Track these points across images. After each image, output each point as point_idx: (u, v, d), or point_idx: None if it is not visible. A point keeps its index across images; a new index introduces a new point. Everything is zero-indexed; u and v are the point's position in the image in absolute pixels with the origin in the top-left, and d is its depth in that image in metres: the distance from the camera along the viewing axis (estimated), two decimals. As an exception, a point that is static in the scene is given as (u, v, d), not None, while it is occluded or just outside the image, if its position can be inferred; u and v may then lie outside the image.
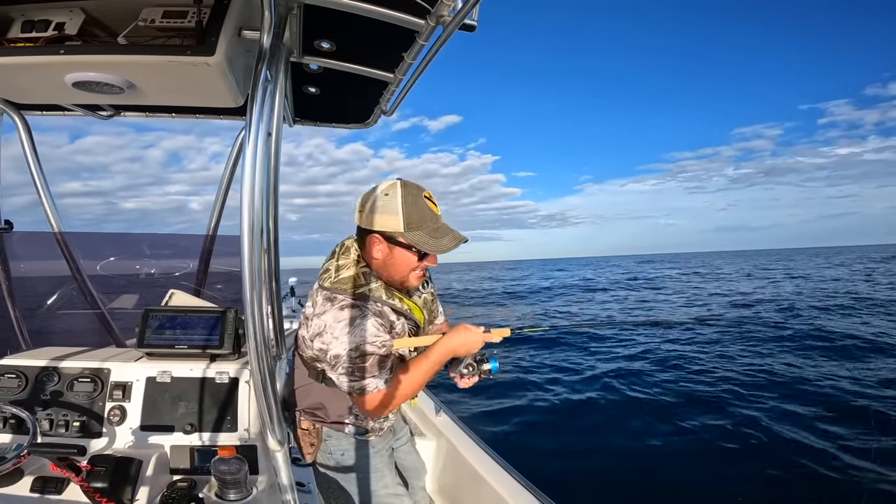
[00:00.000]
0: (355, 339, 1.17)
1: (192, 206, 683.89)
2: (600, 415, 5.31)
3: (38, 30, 0.89)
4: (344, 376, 1.18)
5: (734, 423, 4.89)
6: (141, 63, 0.91)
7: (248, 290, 0.84)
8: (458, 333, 1.29)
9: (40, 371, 1.26)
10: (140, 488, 1.09)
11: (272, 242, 1.40)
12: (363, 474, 1.38)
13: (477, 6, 0.95)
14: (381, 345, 1.20)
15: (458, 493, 2.05)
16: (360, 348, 1.16)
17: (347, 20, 1.08)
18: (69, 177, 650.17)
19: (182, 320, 1.36)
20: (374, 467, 1.38)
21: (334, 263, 1.29)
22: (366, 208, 1.24)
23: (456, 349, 1.29)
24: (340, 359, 1.17)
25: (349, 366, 1.17)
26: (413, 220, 1.19)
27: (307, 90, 1.65)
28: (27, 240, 1.96)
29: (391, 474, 1.44)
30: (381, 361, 1.20)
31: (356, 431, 1.37)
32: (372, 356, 1.18)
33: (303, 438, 1.37)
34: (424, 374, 1.26)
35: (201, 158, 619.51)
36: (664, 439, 4.62)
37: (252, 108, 0.85)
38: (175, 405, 1.26)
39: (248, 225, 0.83)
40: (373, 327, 1.19)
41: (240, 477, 1.07)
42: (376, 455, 1.40)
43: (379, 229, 1.21)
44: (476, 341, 1.30)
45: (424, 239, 1.21)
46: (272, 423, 0.93)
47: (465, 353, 1.31)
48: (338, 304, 1.20)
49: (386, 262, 1.25)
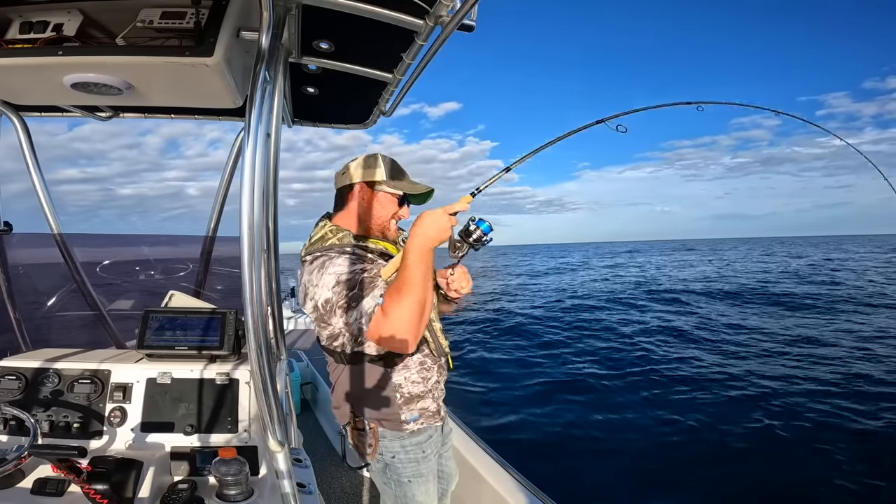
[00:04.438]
0: (331, 277, 1.21)
1: (189, 191, 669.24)
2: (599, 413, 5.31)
3: (37, 31, 0.89)
4: (344, 314, 1.18)
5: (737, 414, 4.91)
6: (139, 64, 0.91)
7: (248, 291, 0.84)
8: (420, 219, 1.21)
9: (40, 372, 1.26)
10: (141, 489, 1.09)
11: (272, 243, 1.40)
12: (407, 479, 1.36)
13: (475, 6, 0.95)
14: (360, 270, 1.22)
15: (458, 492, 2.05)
16: (340, 280, 1.20)
17: (346, 20, 1.08)
18: (67, 164, 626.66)
19: (182, 321, 1.36)
20: (419, 472, 1.36)
21: (309, 238, 1.40)
22: (349, 169, 1.39)
23: (426, 233, 1.18)
24: (330, 301, 1.19)
25: (342, 301, 1.18)
26: (393, 173, 1.38)
27: (306, 91, 1.65)
28: (27, 241, 1.96)
29: (434, 481, 1.41)
30: (369, 282, 1.20)
31: (410, 418, 1.34)
32: (355, 282, 1.19)
33: (360, 439, 1.36)
34: (414, 270, 1.16)
35: (199, 145, 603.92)
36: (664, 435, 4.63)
37: (251, 109, 0.85)
38: (175, 406, 1.26)
39: (248, 226, 0.83)
40: (345, 261, 1.24)
41: (241, 478, 1.07)
42: (424, 460, 1.37)
43: (363, 180, 1.36)
44: (440, 217, 1.20)
45: (404, 186, 1.39)
46: (273, 424, 0.93)
47: (437, 231, 1.19)
48: (308, 261, 1.29)
49: (369, 208, 1.36)
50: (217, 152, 31.76)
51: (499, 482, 1.86)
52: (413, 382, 1.36)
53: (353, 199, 1.38)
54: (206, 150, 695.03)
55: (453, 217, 1.22)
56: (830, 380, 6.06)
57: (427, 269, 1.20)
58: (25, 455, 0.96)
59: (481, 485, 1.90)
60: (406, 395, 1.35)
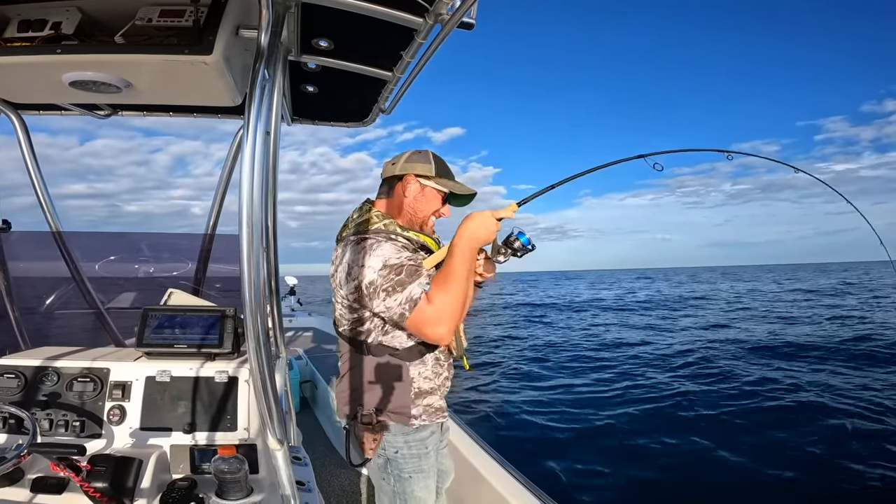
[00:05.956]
0: (380, 259, 1.23)
1: (195, 210, 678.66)
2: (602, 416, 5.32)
3: (35, 29, 0.89)
4: (388, 298, 1.20)
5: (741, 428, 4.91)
6: (138, 62, 0.91)
7: (247, 289, 0.84)
8: (469, 219, 1.29)
9: (39, 371, 1.26)
10: (140, 488, 1.09)
11: (271, 241, 1.40)
12: (408, 474, 1.36)
13: (475, 4, 0.94)
14: (407, 257, 1.24)
15: (458, 492, 2.05)
16: (387, 264, 1.21)
17: (345, 18, 1.08)
18: (75, 178, 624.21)
19: (181, 319, 1.36)
20: (420, 468, 1.36)
21: (351, 219, 1.41)
22: (400, 160, 1.41)
23: (475, 233, 1.27)
24: (375, 283, 1.21)
25: (386, 284, 1.20)
26: (441, 171, 1.40)
27: (305, 89, 1.65)
28: (25, 240, 1.96)
29: (434, 476, 1.42)
30: (415, 269, 1.23)
31: (415, 413, 1.34)
32: (403, 266, 1.21)
33: (365, 434, 1.36)
34: (461, 265, 1.24)
35: (207, 164, 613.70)
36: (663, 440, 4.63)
37: (250, 107, 0.85)
38: (175, 404, 1.26)
39: (247, 223, 0.83)
40: (392, 246, 1.26)
41: (240, 476, 1.07)
42: (426, 456, 1.37)
43: (413, 172, 1.38)
44: (488, 219, 1.29)
45: (451, 185, 1.41)
46: (272, 423, 0.93)
47: (486, 233, 1.29)
48: (354, 241, 1.29)
49: (415, 200, 1.39)
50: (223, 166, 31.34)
51: (498, 481, 1.86)
52: (425, 378, 1.37)
53: (401, 190, 1.40)
54: (213, 169, 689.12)
55: (499, 222, 1.31)
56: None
57: (471, 265, 1.27)
58: (25, 454, 0.96)
59: (482, 484, 1.90)
60: (416, 389, 1.35)
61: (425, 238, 1.40)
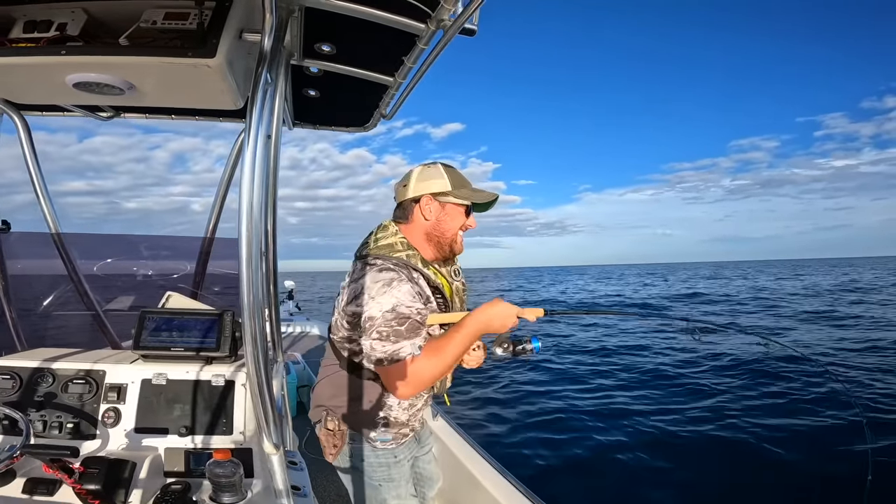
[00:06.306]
0: (391, 300, 1.18)
1: (194, 207, 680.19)
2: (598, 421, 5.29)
3: (41, 30, 0.89)
4: (378, 341, 1.17)
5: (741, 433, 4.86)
6: (142, 64, 0.91)
7: (246, 293, 0.83)
8: (493, 305, 1.27)
9: (35, 372, 1.25)
10: (133, 490, 1.08)
11: (270, 245, 1.40)
12: (377, 483, 1.35)
13: (477, 11, 0.95)
14: (416, 311, 1.20)
15: (454, 498, 2.03)
16: (396, 309, 1.17)
17: (348, 23, 1.09)
18: (74, 176, 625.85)
19: (179, 322, 1.35)
20: (389, 476, 1.35)
21: (373, 237, 1.34)
22: (410, 181, 1.35)
23: (490, 321, 1.25)
24: (375, 321, 1.17)
25: (384, 328, 1.16)
26: (456, 182, 1.34)
27: (307, 93, 1.66)
28: (24, 240, 1.95)
29: (406, 485, 1.41)
30: (416, 328, 1.19)
31: (381, 438, 1.34)
32: (408, 320, 1.17)
33: (327, 438, 1.36)
34: (458, 346, 1.22)
35: (206, 160, 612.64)
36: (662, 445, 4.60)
37: (252, 111, 0.85)
38: (170, 407, 1.25)
39: (247, 227, 0.83)
40: (409, 292, 1.21)
41: (234, 480, 1.06)
42: (396, 465, 1.37)
43: (429, 191, 1.32)
44: (510, 314, 1.27)
45: (470, 195, 1.35)
46: (268, 427, 0.92)
47: (499, 326, 1.27)
48: (376, 267, 1.24)
49: (439, 221, 1.33)
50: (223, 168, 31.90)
51: (496, 487, 1.85)
52: (403, 409, 1.36)
53: (419, 213, 1.34)
54: (212, 165, 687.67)
55: (518, 319, 1.29)
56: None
57: (468, 347, 1.26)
58: (17, 455, 0.95)
59: (478, 489, 1.89)
60: (392, 419, 1.34)
61: (441, 280, 1.35)
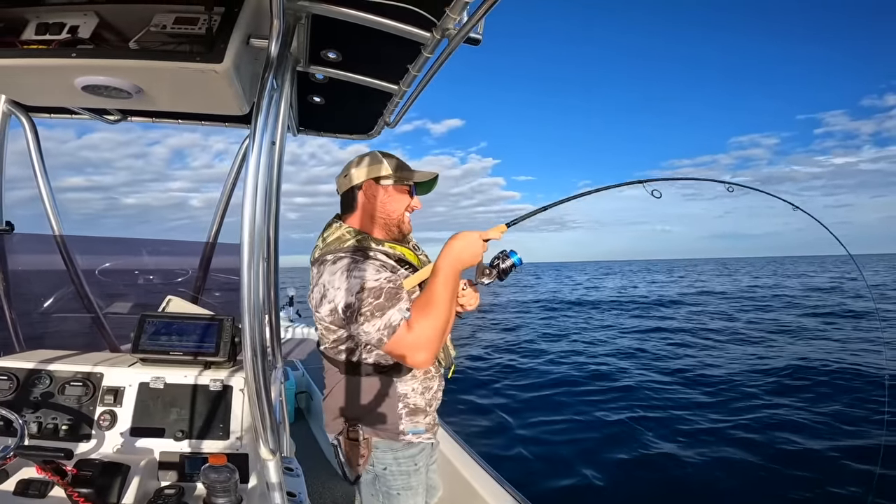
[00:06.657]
0: (357, 282, 1.16)
1: (193, 202, 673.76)
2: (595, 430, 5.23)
3: (52, 32, 0.90)
4: (367, 323, 1.14)
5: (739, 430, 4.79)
6: (150, 68, 0.92)
7: (246, 299, 0.83)
8: (456, 239, 1.23)
9: (32, 373, 1.25)
10: (126, 494, 1.06)
11: (272, 251, 1.40)
12: (396, 491, 1.33)
13: (482, 20, 0.96)
14: (386, 279, 1.18)
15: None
16: (365, 287, 1.15)
17: (354, 31, 1.10)
18: (73, 171, 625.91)
19: (178, 326, 1.35)
20: (409, 485, 1.34)
21: (321, 238, 1.36)
22: (350, 171, 1.36)
23: (460, 254, 1.22)
24: (353, 306, 1.15)
25: (365, 308, 1.14)
26: (395, 165, 1.36)
27: (312, 100, 1.68)
28: (27, 242, 1.96)
29: (423, 493, 1.39)
30: (395, 293, 1.17)
31: (413, 430, 1.32)
32: (382, 290, 1.15)
33: (352, 449, 1.33)
34: (443, 291, 1.18)
35: (205, 156, 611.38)
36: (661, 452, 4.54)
37: (257, 117, 0.85)
38: (167, 411, 1.24)
39: (249, 233, 0.83)
40: (371, 267, 1.20)
41: (229, 485, 1.05)
42: (415, 473, 1.35)
43: (368, 177, 1.34)
44: (475, 241, 1.24)
45: (411, 175, 1.37)
46: (265, 432, 0.91)
47: (471, 256, 1.24)
48: (330, 261, 1.23)
49: (383, 204, 1.34)
50: (222, 164, 32.27)
51: (493, 495, 1.83)
52: (419, 394, 1.34)
53: (363, 199, 1.35)
54: (211, 161, 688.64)
55: (486, 243, 1.27)
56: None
57: (454, 289, 1.21)
58: (10, 456, 0.94)
59: (475, 498, 1.86)
60: (412, 406, 1.32)
61: (402, 249, 1.36)
